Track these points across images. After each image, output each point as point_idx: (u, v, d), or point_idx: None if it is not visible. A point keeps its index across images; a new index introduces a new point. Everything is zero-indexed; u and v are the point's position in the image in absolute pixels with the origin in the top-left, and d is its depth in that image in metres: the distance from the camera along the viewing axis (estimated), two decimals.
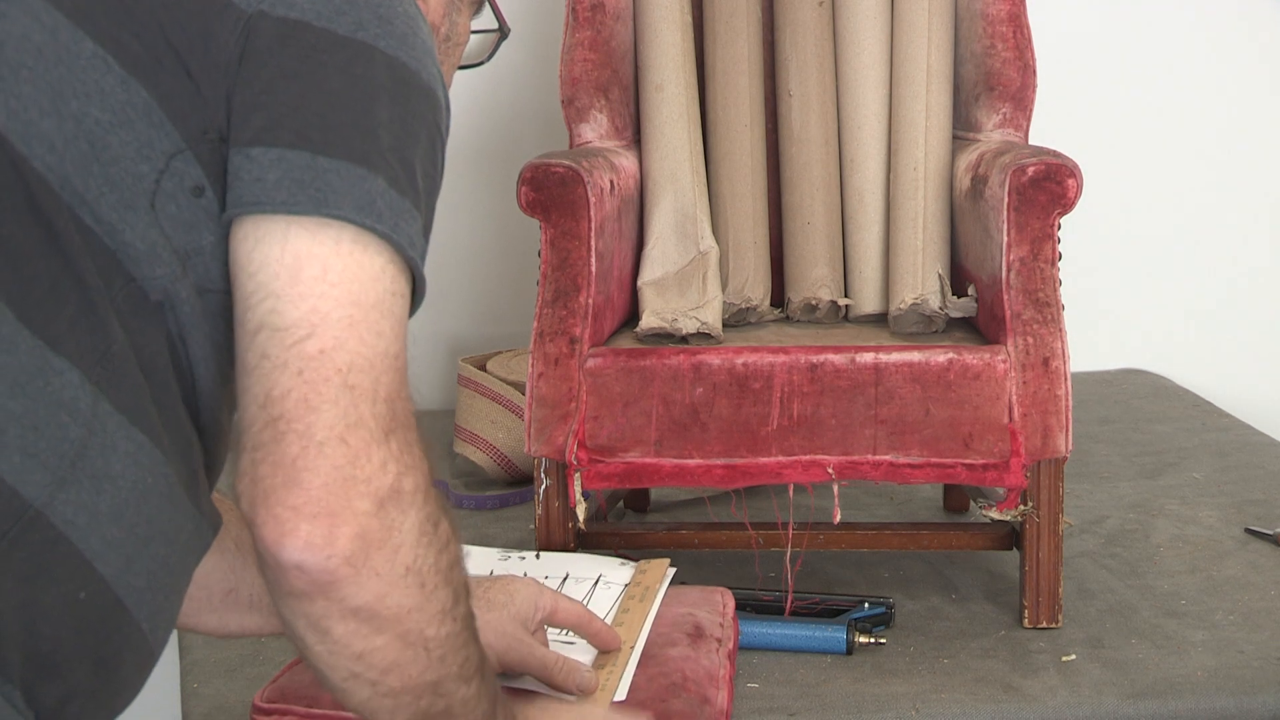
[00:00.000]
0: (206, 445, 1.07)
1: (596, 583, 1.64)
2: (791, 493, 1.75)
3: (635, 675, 1.48)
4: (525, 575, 1.52)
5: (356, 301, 0.98)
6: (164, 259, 1.01)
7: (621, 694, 1.44)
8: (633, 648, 1.51)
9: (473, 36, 1.32)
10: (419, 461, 1.01)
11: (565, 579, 1.65)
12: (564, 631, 1.49)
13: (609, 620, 1.54)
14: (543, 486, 1.78)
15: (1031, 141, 1.99)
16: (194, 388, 1.04)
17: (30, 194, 0.98)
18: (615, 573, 1.65)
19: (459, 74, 1.32)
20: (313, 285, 0.97)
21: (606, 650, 1.49)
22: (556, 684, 1.39)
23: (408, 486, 0.99)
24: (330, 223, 0.99)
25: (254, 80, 1.01)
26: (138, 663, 1.04)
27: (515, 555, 1.71)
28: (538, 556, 1.71)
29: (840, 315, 1.98)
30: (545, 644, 1.43)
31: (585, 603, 1.52)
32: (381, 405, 0.98)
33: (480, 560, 1.67)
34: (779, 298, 2.03)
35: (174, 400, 1.03)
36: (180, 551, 1.04)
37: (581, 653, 1.48)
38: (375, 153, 1.01)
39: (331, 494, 0.96)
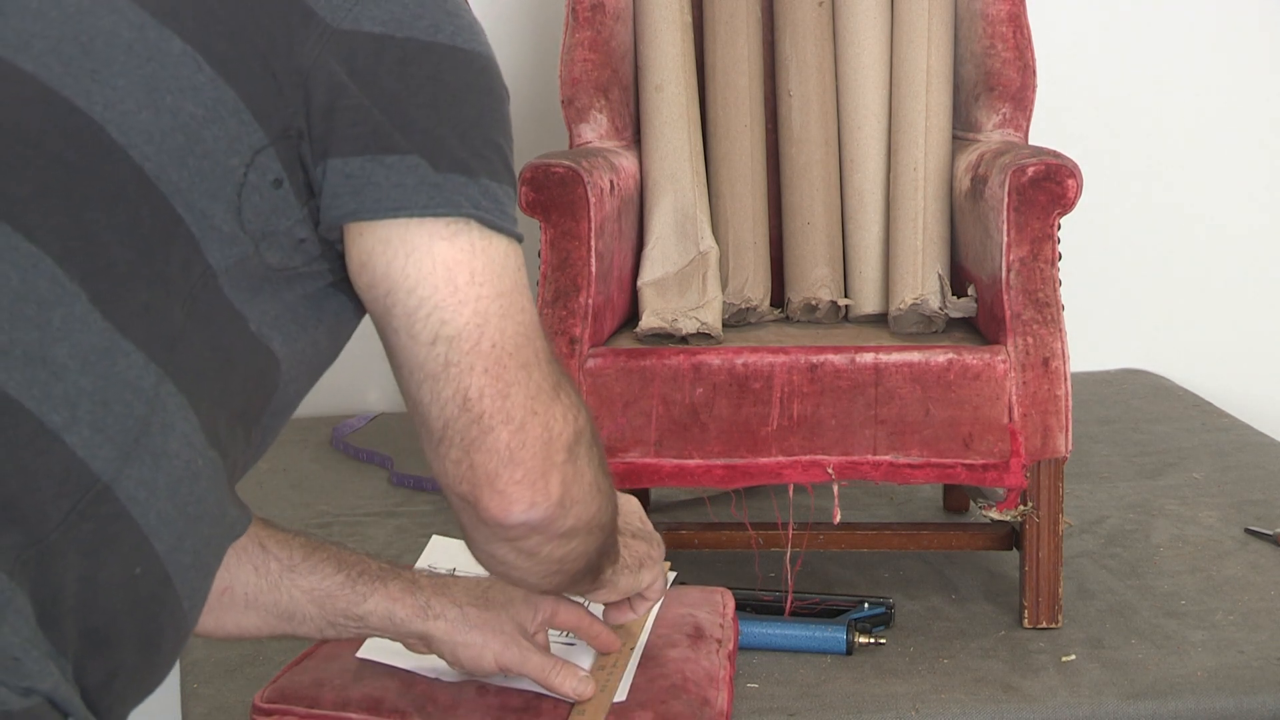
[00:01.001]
0: (250, 434, 1.11)
1: None
2: (791, 493, 1.75)
3: (635, 676, 1.48)
4: None
5: (501, 292, 1.10)
6: (239, 240, 1.06)
7: (621, 695, 1.45)
8: (632, 649, 1.51)
9: None
10: (577, 396, 1.15)
11: None
12: (564, 633, 1.49)
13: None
14: None
15: (1031, 141, 1.99)
16: (243, 374, 1.08)
17: (120, 183, 1.02)
18: None
19: None
20: (468, 290, 1.08)
21: (606, 652, 1.49)
22: (552, 686, 1.40)
23: (581, 423, 1.14)
24: (461, 227, 1.08)
25: (351, 95, 1.07)
26: (176, 641, 1.07)
27: None
28: None
29: (840, 315, 1.98)
30: (545, 645, 1.43)
31: (584, 604, 1.52)
32: (546, 367, 1.12)
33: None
34: (779, 298, 2.03)
35: (226, 387, 1.07)
36: (220, 533, 1.09)
37: (581, 654, 1.48)
38: (476, 154, 1.10)
39: (540, 458, 1.11)
